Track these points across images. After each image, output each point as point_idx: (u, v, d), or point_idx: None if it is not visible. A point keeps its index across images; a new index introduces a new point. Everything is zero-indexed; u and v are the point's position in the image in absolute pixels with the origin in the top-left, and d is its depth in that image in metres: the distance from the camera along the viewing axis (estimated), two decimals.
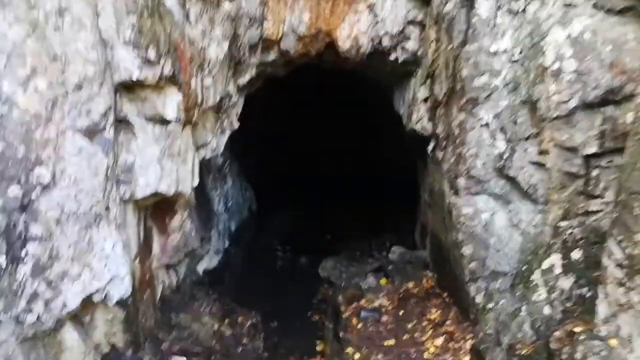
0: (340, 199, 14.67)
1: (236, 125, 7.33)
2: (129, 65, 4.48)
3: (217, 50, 5.50)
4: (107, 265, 4.53)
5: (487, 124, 6.36)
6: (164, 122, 4.96)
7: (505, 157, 6.19)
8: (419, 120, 7.74)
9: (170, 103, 4.87)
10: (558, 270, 5.21)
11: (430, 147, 7.42)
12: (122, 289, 4.76)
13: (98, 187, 4.29)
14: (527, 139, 6.00)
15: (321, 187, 15.72)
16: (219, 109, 6.59)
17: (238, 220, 11.63)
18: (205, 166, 8.74)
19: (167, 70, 4.59)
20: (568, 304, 5.01)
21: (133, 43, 4.44)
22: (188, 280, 8.37)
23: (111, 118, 4.42)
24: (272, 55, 7.45)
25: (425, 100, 7.66)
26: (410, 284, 8.18)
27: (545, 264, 5.36)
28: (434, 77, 7.34)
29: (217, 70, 5.70)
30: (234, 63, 6.40)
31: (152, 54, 4.48)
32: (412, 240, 10.80)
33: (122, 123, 4.77)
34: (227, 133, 7.06)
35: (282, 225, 12.68)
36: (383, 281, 8.36)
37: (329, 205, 14.14)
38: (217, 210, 9.11)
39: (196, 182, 5.82)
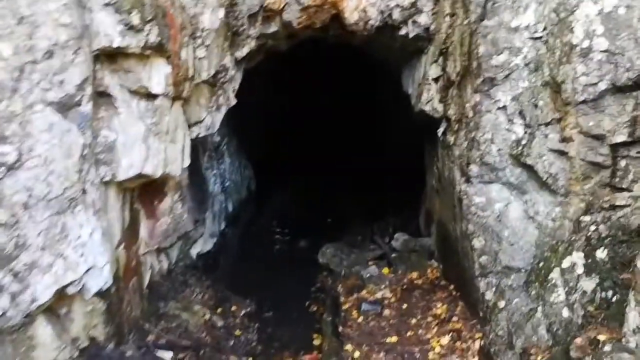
0: (344, 180, 14.22)
1: (233, 101, 6.82)
2: (109, 31, 3.98)
3: (211, 18, 4.98)
4: (83, 255, 4.08)
5: (504, 107, 5.86)
6: (150, 96, 4.47)
7: (523, 143, 5.70)
8: (429, 100, 7.23)
9: (157, 75, 4.38)
10: (580, 269, 4.76)
11: (440, 130, 6.92)
12: (100, 280, 4.32)
13: (72, 168, 3.82)
14: (548, 124, 5.51)
15: (324, 168, 15.27)
16: (214, 83, 6.09)
17: (236, 201, 11.19)
18: (200, 144, 8.27)
19: (153, 37, 4.08)
20: (590, 308, 4.56)
21: (114, 6, 3.93)
22: (181, 265, 7.95)
23: (89, 90, 3.93)
24: (273, 27, 6.90)
25: (437, 79, 7.14)
26: (414, 274, 7.76)
27: (565, 262, 4.90)
28: (447, 54, 6.81)
29: (211, 40, 5.19)
30: (231, 34, 5.87)
31: (135, 18, 3.98)
32: (416, 226, 10.34)
33: (102, 96, 4.28)
34: (224, 110, 6.56)
35: (282, 207, 12.24)
36: (385, 270, 7.94)
37: (331, 186, 13.69)
38: (212, 191, 8.65)
39: (187, 162, 5.35)
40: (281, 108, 17.35)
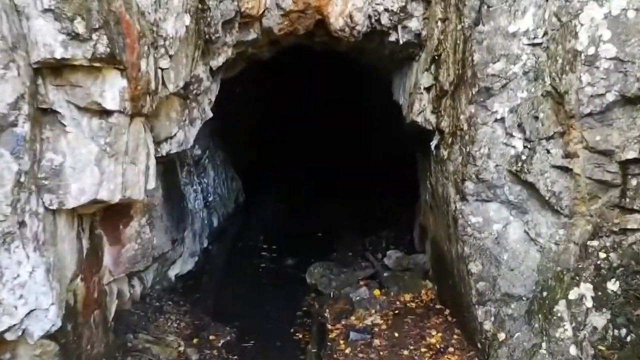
0: (334, 189, 13.75)
1: (210, 114, 6.31)
2: (49, 41, 3.46)
3: (175, 25, 4.48)
4: (22, 297, 3.56)
5: (501, 119, 5.38)
6: (104, 113, 3.95)
7: (522, 158, 5.22)
8: (421, 111, 6.74)
9: (111, 89, 3.86)
10: (589, 303, 4.26)
11: (433, 144, 6.42)
12: (45, 323, 3.80)
13: (4, 199, 3.31)
14: (550, 138, 5.03)
15: (315, 176, 14.80)
16: (186, 95, 5.58)
17: (222, 215, 10.67)
18: (178, 159, 7.76)
19: (102, 47, 3.58)
20: (602, 347, 4.07)
21: (54, 12, 3.42)
22: (157, 288, 7.43)
23: (26, 109, 3.41)
24: (252, 34, 6.42)
25: (429, 89, 6.64)
26: (408, 296, 7.25)
27: (572, 294, 4.41)
28: (440, 62, 6.32)
29: (177, 49, 4.68)
30: (203, 42, 5.37)
31: (80, 26, 3.47)
32: (410, 240, 9.86)
33: (47, 114, 3.77)
34: (199, 123, 6.05)
35: (270, 219, 11.71)
36: (377, 292, 7.40)
37: (322, 196, 13.20)
38: (192, 208, 8.13)
39: (152, 184, 4.83)
40: (268, 117, 16.90)
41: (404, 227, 10.81)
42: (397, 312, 6.73)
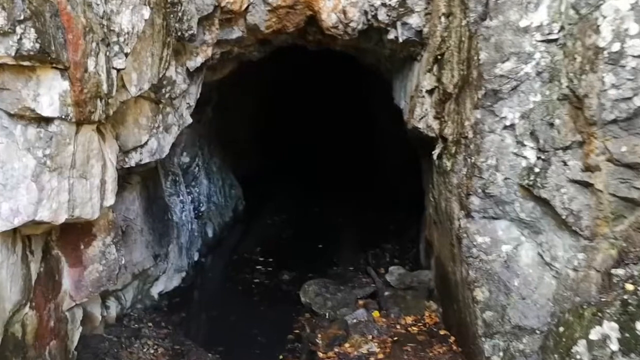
0: (339, 195, 13.19)
1: (188, 119, 5.74)
2: None
3: (132, 19, 3.89)
4: None
5: (511, 126, 4.74)
6: (42, 120, 3.39)
7: (535, 171, 4.57)
8: (423, 116, 6.10)
9: (48, 93, 3.29)
10: (614, 345, 3.59)
11: (435, 153, 5.78)
12: None
13: None
14: (567, 148, 4.38)
15: (320, 186, 14.25)
16: (157, 99, 5.01)
17: (218, 225, 10.12)
18: (162, 168, 7.20)
19: (30, 43, 3.00)
20: None
21: None
22: (139, 307, 6.88)
23: None
24: (236, 32, 5.84)
25: (431, 91, 6.01)
26: (409, 319, 6.60)
27: (593, 334, 3.74)
28: (443, 62, 5.69)
29: (139, 47, 4.11)
30: (175, 39, 4.79)
31: (0, 18, 2.90)
32: (416, 255, 9.23)
33: None
34: (175, 130, 5.47)
35: (270, 229, 11.15)
36: (376, 314, 6.78)
37: (327, 205, 12.64)
38: (179, 220, 7.56)
39: (110, 201, 4.25)
40: (270, 121, 16.37)
41: (410, 239, 10.20)
42: (396, 338, 6.08)
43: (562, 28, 4.48)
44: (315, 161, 16.41)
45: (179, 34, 4.79)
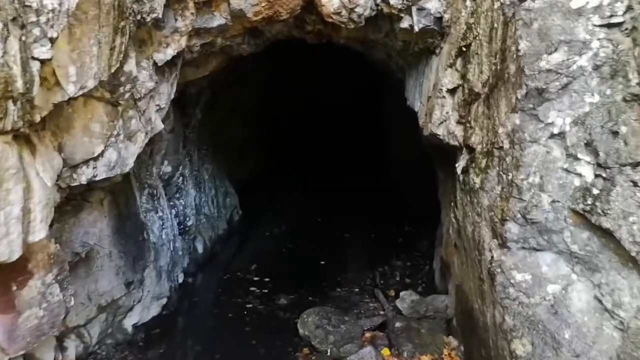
0: (344, 205, 12.20)
1: (159, 125, 4.74)
2: None
3: None
4: None
5: (560, 135, 3.73)
6: None
7: (594, 193, 3.55)
8: (443, 121, 5.08)
9: None
10: None
11: (459, 166, 4.75)
12: None
13: None
14: (637, 165, 3.35)
15: (325, 194, 13.24)
16: (115, 101, 4.01)
17: (209, 239, 9.15)
18: (136, 180, 6.20)
19: None
20: None
21: None
22: (109, 343, 5.91)
23: None
24: (218, 19, 4.84)
25: (454, 91, 4.99)
26: (425, 359, 5.59)
27: None
28: (469, 55, 4.67)
29: (72, 30, 3.12)
30: (134, 24, 3.80)
31: None
32: (430, 272, 8.23)
33: None
34: (142, 138, 4.48)
35: (268, 244, 10.12)
36: (386, 352, 5.79)
37: (332, 215, 11.63)
38: (157, 240, 6.55)
39: (40, 234, 3.27)
40: (270, 123, 15.39)
41: (422, 254, 9.21)
42: None
43: (629, 8, 3.46)
44: (320, 166, 15.43)
45: (139, 17, 3.80)
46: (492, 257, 4.11)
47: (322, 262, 9.12)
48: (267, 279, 8.35)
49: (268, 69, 13.42)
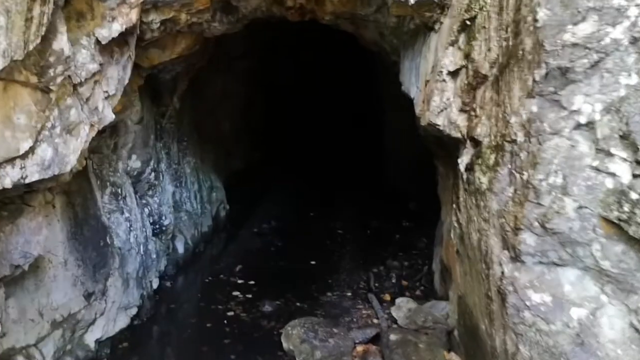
0: (343, 203, 11.48)
1: (109, 115, 4.02)
2: None
3: None
4: None
5: (588, 125, 3.01)
6: None
7: (632, 197, 2.85)
8: (443, 109, 4.36)
9: None
10: None
11: (462, 162, 4.03)
12: None
13: None
14: None
15: (319, 187, 12.55)
16: (45, 85, 3.29)
17: (192, 238, 8.47)
18: (97, 178, 5.49)
19: None
20: None
21: None
22: None
23: None
24: None
25: (455, 73, 4.26)
26: None
27: None
28: (474, 29, 3.94)
29: None
30: None
31: None
32: (429, 273, 7.58)
33: None
34: (85, 131, 3.75)
35: (255, 241, 9.43)
36: None
37: (326, 211, 10.95)
38: (124, 244, 5.84)
39: None
40: (260, 111, 14.65)
41: (420, 254, 8.54)
42: None
43: None
44: (313, 156, 14.73)
45: None
46: (503, 272, 3.41)
47: (313, 262, 8.44)
48: (252, 282, 7.66)
49: (259, 54, 12.72)
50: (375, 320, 6.40)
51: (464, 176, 3.94)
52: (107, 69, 3.81)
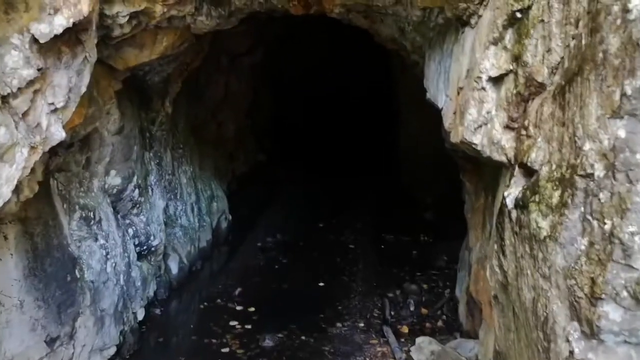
0: (358, 213, 10.55)
1: (58, 133, 3.16)
2: None
3: None
4: None
5: None
6: None
7: None
8: (482, 124, 3.46)
9: None
10: None
11: (510, 195, 3.10)
12: None
13: None
14: None
15: (328, 192, 11.65)
16: None
17: (187, 255, 7.67)
18: (63, 200, 4.65)
19: None
20: None
21: None
22: None
23: None
24: None
25: (500, 79, 3.34)
26: None
27: None
28: (526, 24, 3.03)
29: None
30: None
31: None
32: (452, 305, 6.72)
33: None
34: (23, 155, 2.90)
35: (258, 258, 8.57)
36: None
37: (339, 222, 10.06)
38: (97, 276, 5.00)
39: None
40: (268, 110, 13.82)
41: (440, 274, 7.67)
42: None
43: None
44: (323, 159, 13.84)
45: None
46: (572, 352, 2.52)
47: (321, 284, 7.58)
48: (252, 309, 6.83)
49: (265, 50, 11.87)
50: None
51: (512, 214, 3.03)
52: (53, 75, 2.96)
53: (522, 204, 2.90)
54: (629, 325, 2.33)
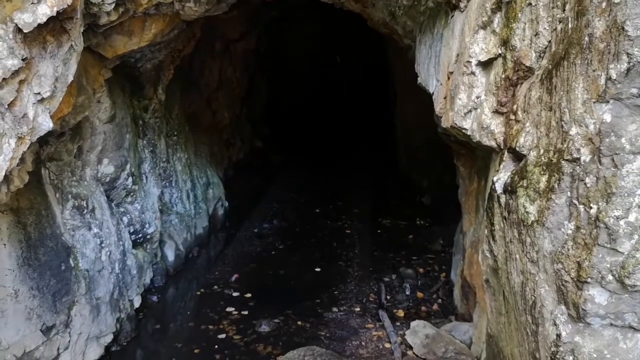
0: (350, 196, 10.59)
1: (46, 124, 3.13)
2: None
3: None
4: None
5: None
6: None
7: None
8: (472, 109, 3.44)
9: None
10: None
11: (499, 181, 3.11)
12: None
13: None
14: None
15: (325, 179, 11.65)
16: None
17: (183, 243, 7.67)
18: (55, 189, 4.64)
19: None
20: None
21: None
22: None
23: None
24: None
25: (489, 63, 3.33)
26: None
27: None
28: (514, 7, 3.01)
29: None
30: None
31: None
32: (447, 283, 6.76)
33: None
34: (11, 146, 2.89)
35: (255, 244, 8.58)
36: None
37: (335, 207, 10.08)
38: (92, 265, 5.01)
39: None
40: (265, 96, 13.77)
41: (439, 260, 7.69)
42: None
43: None
44: (320, 144, 13.83)
45: None
46: (559, 335, 2.53)
47: (317, 270, 7.61)
48: (248, 295, 6.85)
49: (260, 35, 11.79)
50: (387, 345, 5.60)
51: (501, 199, 3.03)
52: (39, 65, 2.94)
53: (510, 189, 2.90)
54: (615, 309, 2.34)
